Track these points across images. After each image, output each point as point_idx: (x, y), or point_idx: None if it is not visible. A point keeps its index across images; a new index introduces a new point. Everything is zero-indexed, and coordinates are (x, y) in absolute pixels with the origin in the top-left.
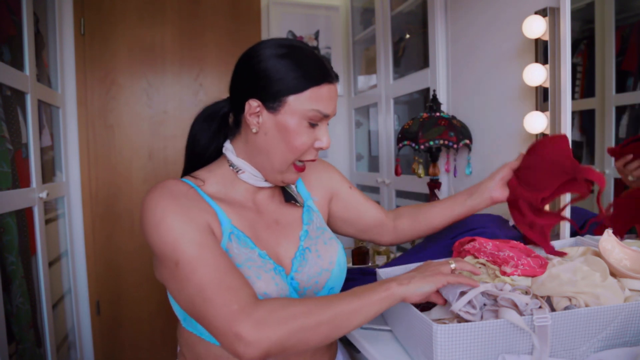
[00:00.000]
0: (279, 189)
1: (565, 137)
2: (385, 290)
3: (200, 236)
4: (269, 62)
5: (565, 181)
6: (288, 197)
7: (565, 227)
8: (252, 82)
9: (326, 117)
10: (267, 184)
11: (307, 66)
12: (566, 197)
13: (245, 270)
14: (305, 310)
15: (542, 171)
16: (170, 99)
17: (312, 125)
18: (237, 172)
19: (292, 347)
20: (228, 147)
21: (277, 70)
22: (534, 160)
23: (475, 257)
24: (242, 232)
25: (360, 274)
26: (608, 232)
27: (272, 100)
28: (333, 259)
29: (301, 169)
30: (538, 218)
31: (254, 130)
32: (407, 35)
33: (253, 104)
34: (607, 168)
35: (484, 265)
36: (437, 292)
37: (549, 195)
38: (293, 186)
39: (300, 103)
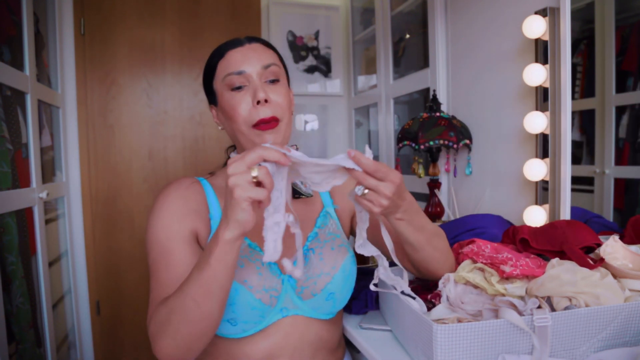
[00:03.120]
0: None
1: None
2: (217, 244)
3: (166, 243)
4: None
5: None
6: (295, 192)
7: None
8: (205, 93)
9: (240, 74)
10: None
11: (214, 51)
12: None
13: None
14: (168, 310)
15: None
16: (170, 99)
17: (237, 88)
18: None
19: (187, 348)
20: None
21: (204, 74)
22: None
23: (474, 262)
24: None
25: (360, 274)
26: (614, 238)
27: (211, 96)
28: (337, 265)
29: (266, 127)
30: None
31: (220, 128)
32: (407, 35)
33: (212, 110)
34: (607, 168)
35: (482, 270)
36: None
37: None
38: (299, 182)
39: (219, 81)
